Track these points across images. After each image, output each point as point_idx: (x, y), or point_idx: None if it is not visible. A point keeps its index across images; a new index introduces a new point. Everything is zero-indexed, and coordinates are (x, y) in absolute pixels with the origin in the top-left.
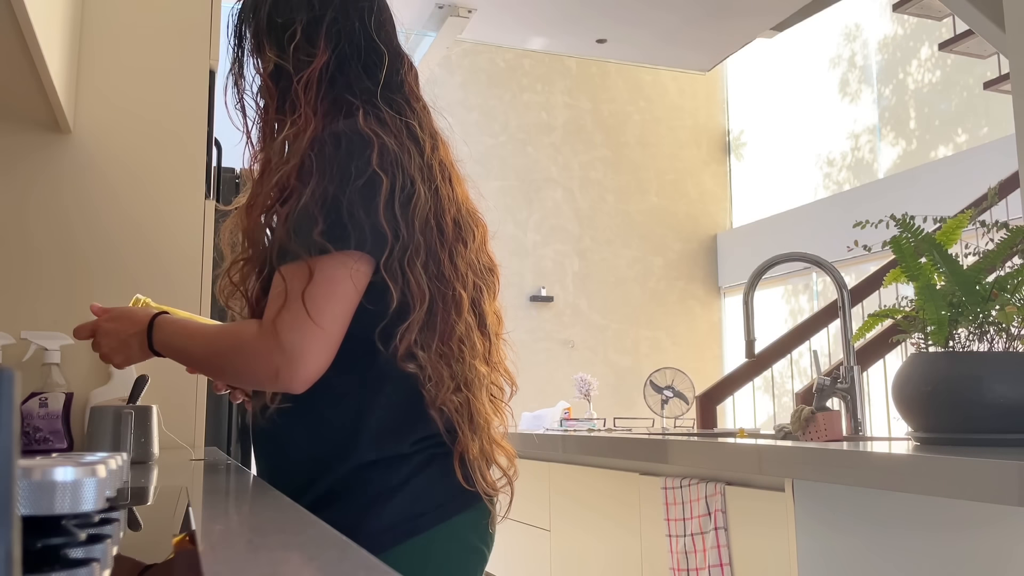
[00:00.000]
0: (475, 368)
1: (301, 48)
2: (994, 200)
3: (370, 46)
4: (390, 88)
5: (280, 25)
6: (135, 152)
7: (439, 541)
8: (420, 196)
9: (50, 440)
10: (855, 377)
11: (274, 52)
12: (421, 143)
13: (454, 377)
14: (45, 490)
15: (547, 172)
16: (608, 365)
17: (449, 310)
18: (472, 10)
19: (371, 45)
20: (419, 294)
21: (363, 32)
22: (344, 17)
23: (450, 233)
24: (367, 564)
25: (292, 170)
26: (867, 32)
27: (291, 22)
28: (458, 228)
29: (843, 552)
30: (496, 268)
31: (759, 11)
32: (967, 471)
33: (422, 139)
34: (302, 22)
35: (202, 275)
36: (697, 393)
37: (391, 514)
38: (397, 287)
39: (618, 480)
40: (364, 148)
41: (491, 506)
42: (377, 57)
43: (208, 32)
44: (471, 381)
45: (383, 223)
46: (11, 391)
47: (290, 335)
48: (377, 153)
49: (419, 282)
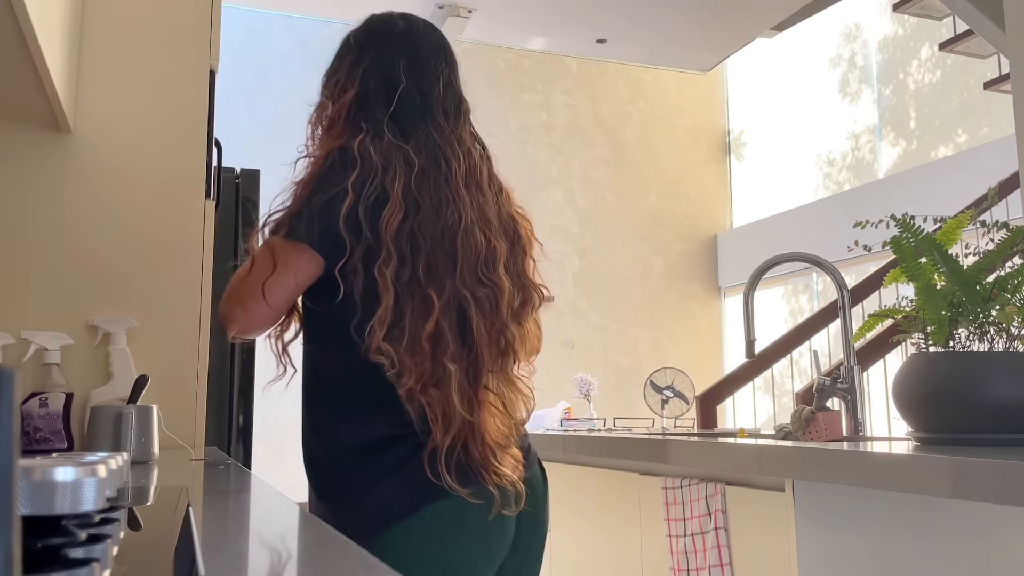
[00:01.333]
0: (447, 368)
1: (340, 85)
2: (994, 200)
3: (393, 83)
4: (401, 117)
5: (333, 68)
6: (135, 152)
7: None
8: (394, 211)
9: (50, 440)
10: (855, 377)
11: (326, 90)
12: (412, 166)
13: (423, 374)
14: (45, 490)
15: (547, 172)
16: (608, 365)
17: (418, 311)
18: (472, 10)
19: (395, 82)
20: (385, 294)
21: (391, 72)
22: (377, 62)
23: (433, 245)
24: (367, 564)
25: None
26: (867, 32)
27: (339, 66)
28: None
29: (843, 552)
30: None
31: (759, 11)
32: (967, 471)
33: (420, 164)
34: (346, 65)
35: (202, 275)
36: (697, 393)
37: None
38: (349, 284)
39: (618, 480)
40: (345, 167)
41: (472, 499)
42: (395, 91)
43: (208, 32)
44: (441, 379)
45: (341, 230)
46: (11, 391)
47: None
48: (356, 172)
49: (384, 283)
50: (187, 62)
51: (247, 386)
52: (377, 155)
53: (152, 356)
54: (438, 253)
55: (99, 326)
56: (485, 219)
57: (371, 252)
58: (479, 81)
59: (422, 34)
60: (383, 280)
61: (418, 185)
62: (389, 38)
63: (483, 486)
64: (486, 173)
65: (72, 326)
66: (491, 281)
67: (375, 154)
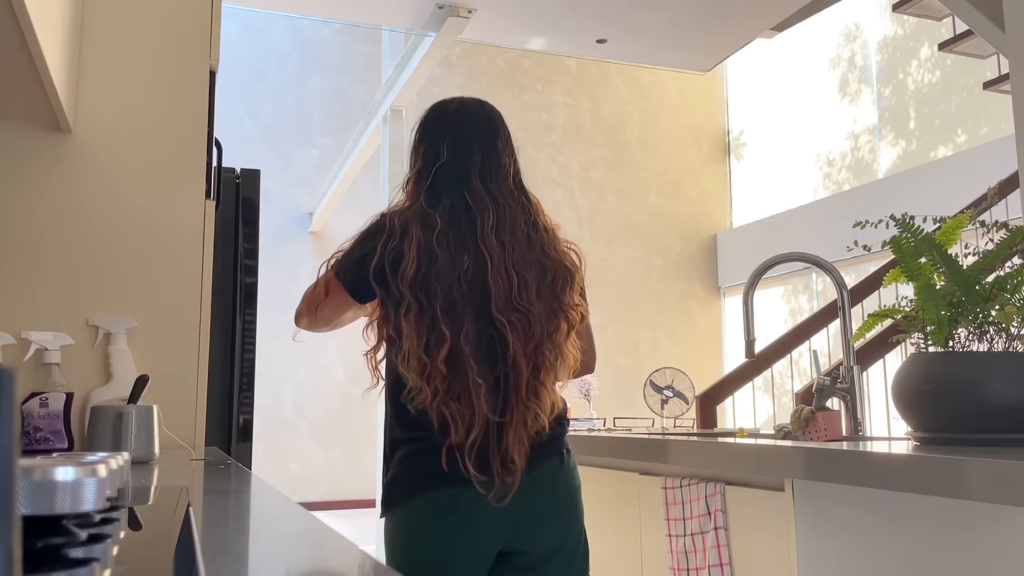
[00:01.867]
0: (473, 382)
1: (410, 163)
2: (994, 200)
3: (436, 158)
4: (439, 186)
5: (410, 151)
6: (135, 152)
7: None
8: (408, 266)
9: (50, 440)
10: (855, 377)
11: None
12: (433, 228)
13: (439, 392)
14: (46, 490)
15: (547, 172)
16: (608, 365)
17: (434, 343)
18: (472, 10)
19: (437, 158)
20: (407, 331)
21: (437, 150)
22: (428, 143)
23: (450, 288)
24: (367, 564)
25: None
26: (867, 32)
27: (411, 150)
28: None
29: (843, 552)
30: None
31: (759, 11)
32: (967, 471)
33: (441, 224)
34: (412, 149)
35: (202, 274)
36: (697, 393)
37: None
38: (389, 326)
39: (618, 480)
40: (377, 231)
41: (482, 488)
42: (434, 165)
43: (208, 32)
44: (463, 393)
45: (371, 280)
46: (11, 391)
47: (303, 300)
48: (384, 236)
49: (408, 324)
50: (187, 62)
51: (247, 386)
52: (399, 222)
53: (152, 356)
54: (456, 295)
55: (99, 326)
56: (517, 258)
57: (397, 301)
58: (479, 81)
59: (468, 111)
60: (407, 322)
61: (437, 242)
62: (439, 120)
63: (486, 473)
64: (521, 220)
65: (72, 326)
66: (524, 308)
67: (398, 222)
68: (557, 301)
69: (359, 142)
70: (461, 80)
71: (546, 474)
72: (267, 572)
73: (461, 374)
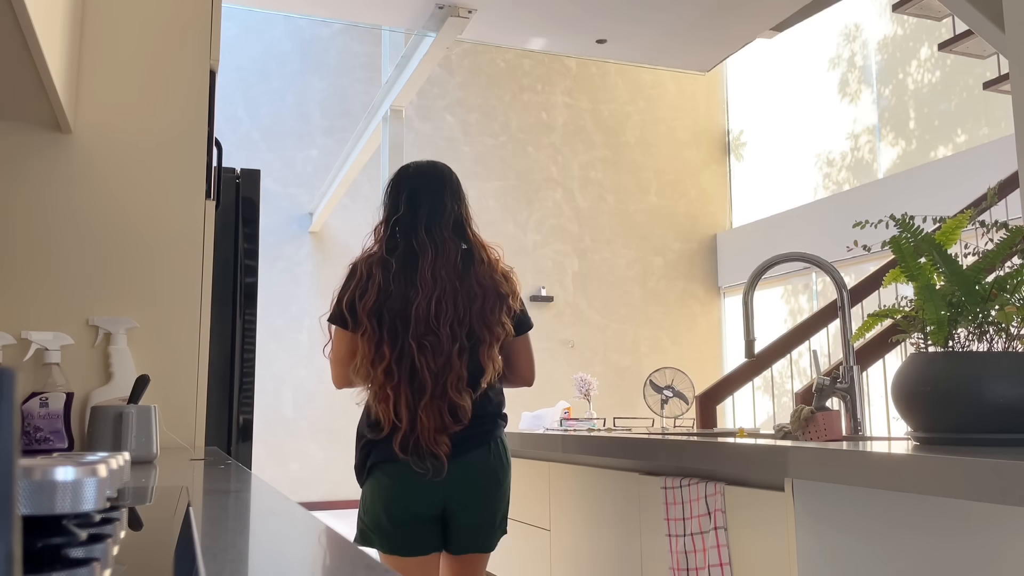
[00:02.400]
0: (390, 391)
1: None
2: (993, 200)
3: (395, 212)
4: (398, 234)
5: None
6: (135, 152)
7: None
8: (368, 299)
9: (51, 440)
10: (855, 377)
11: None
12: (390, 269)
13: (375, 395)
14: (46, 490)
15: (547, 172)
16: (608, 365)
17: (377, 359)
18: (472, 10)
19: (396, 211)
20: (362, 350)
21: (396, 204)
22: (390, 199)
23: (399, 319)
24: (367, 564)
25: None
26: (867, 32)
27: (382, 206)
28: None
29: (842, 552)
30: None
31: (759, 11)
32: (967, 471)
33: (396, 267)
34: (382, 205)
35: (202, 274)
36: (697, 393)
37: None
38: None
39: (618, 480)
40: (351, 276)
41: (416, 467)
42: (392, 218)
43: (208, 32)
44: (387, 399)
45: (344, 311)
46: (11, 391)
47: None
48: (356, 278)
49: (363, 344)
50: (187, 62)
51: (247, 386)
52: (366, 268)
53: (152, 356)
54: (397, 321)
55: (99, 326)
56: (447, 290)
57: (357, 323)
58: (479, 81)
59: (421, 171)
60: (362, 341)
61: (393, 281)
62: (399, 181)
63: (419, 457)
64: (455, 257)
65: (72, 326)
66: (436, 331)
67: (364, 267)
68: (483, 321)
69: (359, 142)
70: (461, 80)
71: (473, 460)
72: (267, 572)
73: (391, 383)
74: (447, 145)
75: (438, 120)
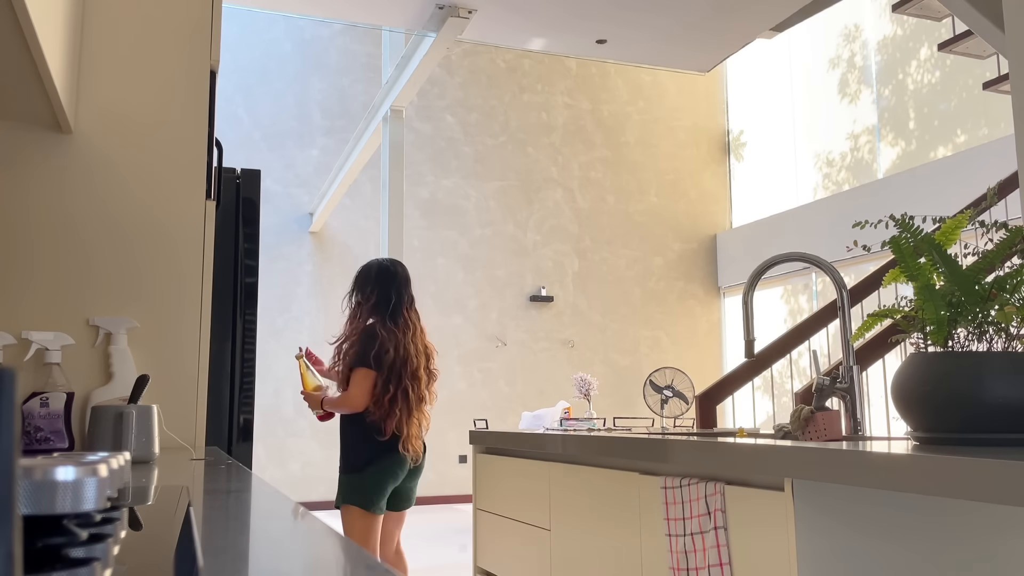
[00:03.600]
0: (400, 413)
1: (365, 296)
2: (993, 200)
3: (387, 298)
4: (392, 313)
5: (356, 290)
6: (135, 152)
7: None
8: (388, 356)
9: (51, 440)
10: (854, 377)
11: (358, 296)
12: (397, 336)
13: (386, 415)
14: (46, 489)
15: (547, 172)
16: (608, 365)
17: (390, 395)
18: (472, 11)
19: (387, 298)
20: (378, 384)
21: (386, 295)
22: (379, 289)
23: (403, 367)
24: (368, 563)
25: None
26: (866, 33)
27: (359, 289)
28: (411, 364)
29: (842, 551)
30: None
31: (759, 11)
32: (967, 471)
33: (397, 334)
34: (361, 288)
35: (203, 275)
36: (697, 393)
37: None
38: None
39: (618, 480)
40: (372, 335)
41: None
42: (389, 299)
43: (208, 32)
44: (393, 417)
45: (371, 361)
46: (12, 391)
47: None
48: (378, 339)
49: (382, 385)
50: (187, 62)
51: (247, 386)
52: (384, 331)
53: (152, 356)
54: (404, 370)
55: (99, 326)
56: (418, 349)
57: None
58: (479, 81)
59: (395, 268)
60: (381, 383)
61: (399, 341)
62: (381, 274)
63: (405, 452)
64: (418, 327)
65: (72, 326)
66: (417, 376)
67: (382, 330)
68: (427, 370)
69: (359, 142)
70: (461, 80)
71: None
72: (267, 572)
73: (396, 408)
74: (447, 145)
75: (438, 120)
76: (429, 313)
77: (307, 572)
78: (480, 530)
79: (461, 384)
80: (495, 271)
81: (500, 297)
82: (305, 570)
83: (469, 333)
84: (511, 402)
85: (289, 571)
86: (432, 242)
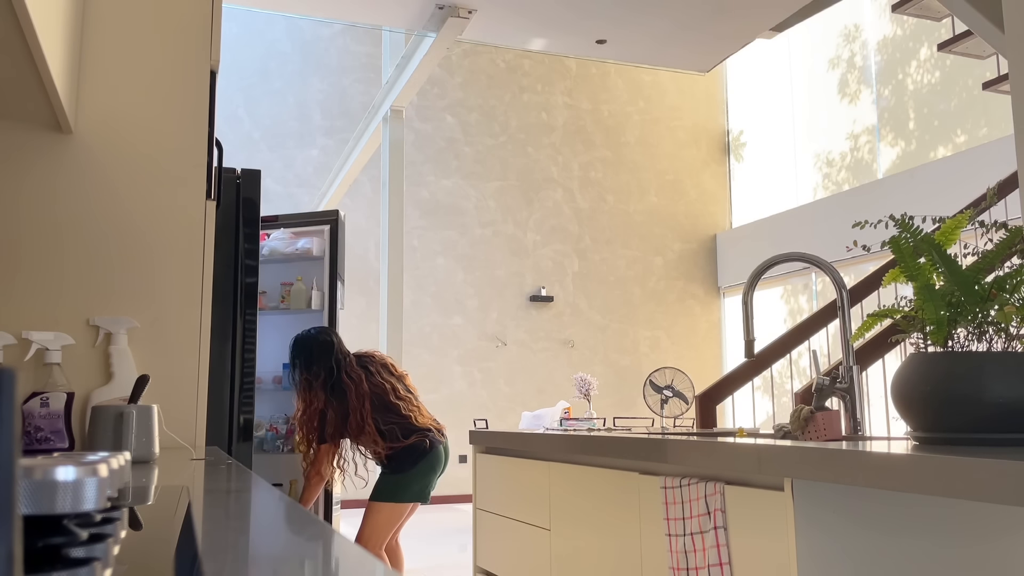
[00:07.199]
0: (420, 420)
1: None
2: (993, 200)
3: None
4: (339, 381)
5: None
6: (135, 152)
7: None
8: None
9: (51, 440)
10: (854, 377)
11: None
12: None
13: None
14: (46, 489)
15: (547, 172)
16: (608, 365)
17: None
18: (472, 11)
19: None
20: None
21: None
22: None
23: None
24: (368, 563)
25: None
26: (866, 33)
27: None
28: (387, 393)
29: (842, 551)
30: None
31: (759, 11)
32: (967, 471)
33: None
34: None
35: (203, 275)
36: (697, 393)
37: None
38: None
39: (618, 480)
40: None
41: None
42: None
43: (208, 32)
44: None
45: (327, 439)
46: (12, 391)
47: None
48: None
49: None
50: (187, 62)
51: (247, 386)
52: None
53: (152, 356)
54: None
55: (100, 326)
56: (383, 377)
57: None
58: (479, 81)
59: (329, 339)
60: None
61: (373, 385)
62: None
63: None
64: (372, 368)
65: (73, 326)
66: (400, 395)
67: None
68: (396, 378)
69: (359, 142)
70: (461, 80)
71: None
72: (267, 572)
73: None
74: (447, 145)
75: (438, 120)
76: (429, 313)
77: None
78: (480, 530)
79: (461, 384)
80: (495, 271)
81: (500, 297)
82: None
83: (469, 333)
84: (511, 402)
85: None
86: (432, 242)
